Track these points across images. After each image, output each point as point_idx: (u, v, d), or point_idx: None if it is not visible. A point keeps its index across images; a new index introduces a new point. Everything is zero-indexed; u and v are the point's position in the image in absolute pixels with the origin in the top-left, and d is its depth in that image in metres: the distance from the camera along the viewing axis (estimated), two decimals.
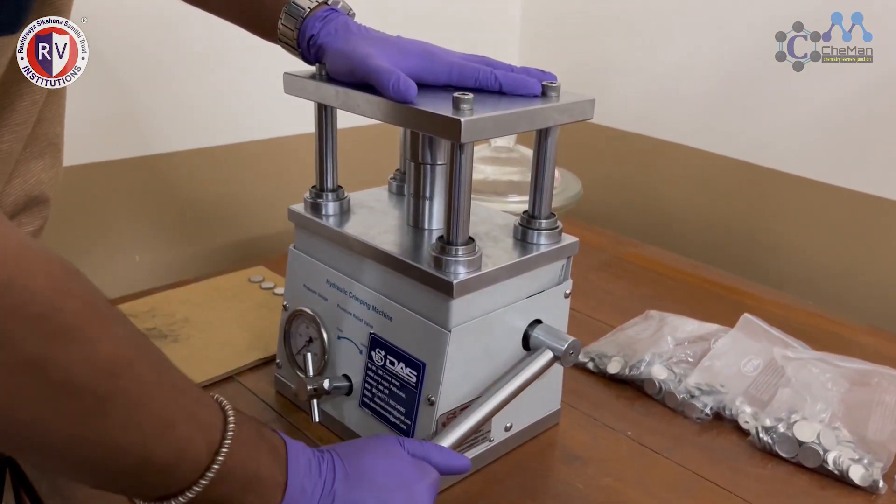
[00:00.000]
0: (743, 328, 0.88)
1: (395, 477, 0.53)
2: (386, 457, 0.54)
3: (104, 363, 0.37)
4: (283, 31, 0.65)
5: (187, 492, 0.43)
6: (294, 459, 0.49)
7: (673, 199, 1.34)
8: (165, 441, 0.41)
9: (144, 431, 0.40)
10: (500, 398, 0.62)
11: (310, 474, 0.49)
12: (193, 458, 0.43)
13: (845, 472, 0.68)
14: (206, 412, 0.45)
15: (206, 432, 0.44)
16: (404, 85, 0.57)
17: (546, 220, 0.67)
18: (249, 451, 0.46)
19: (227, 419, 0.46)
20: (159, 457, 0.41)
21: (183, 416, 0.43)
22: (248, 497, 0.46)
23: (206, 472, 0.43)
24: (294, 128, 1.21)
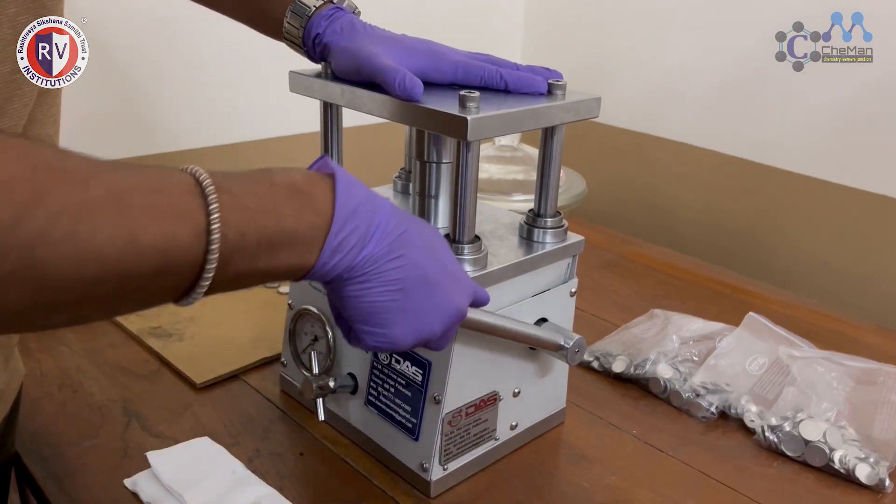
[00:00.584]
0: (748, 327, 0.88)
1: (452, 265, 0.52)
2: (444, 241, 0.53)
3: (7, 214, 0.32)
4: (288, 29, 0.65)
5: (201, 282, 0.39)
6: (344, 195, 0.45)
7: (677, 198, 1.34)
8: (137, 253, 0.36)
9: (103, 255, 0.35)
10: (515, 326, 0.62)
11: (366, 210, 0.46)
12: (183, 252, 0.38)
13: (851, 470, 0.68)
14: (175, 198, 0.38)
15: (183, 221, 0.38)
16: (410, 83, 0.57)
17: (552, 219, 0.67)
18: (256, 211, 0.41)
19: (206, 192, 0.39)
20: (140, 269, 0.36)
21: (146, 217, 0.37)
22: (280, 256, 0.43)
23: (206, 258, 0.39)
24: (299, 127, 1.21)
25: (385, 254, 0.47)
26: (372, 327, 0.49)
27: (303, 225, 0.43)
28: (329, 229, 0.44)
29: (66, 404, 0.75)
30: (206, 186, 0.39)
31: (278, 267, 0.43)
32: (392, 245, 0.47)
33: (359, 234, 0.46)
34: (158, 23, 1.04)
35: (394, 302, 0.48)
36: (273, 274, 0.43)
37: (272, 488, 0.64)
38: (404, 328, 0.50)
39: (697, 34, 1.25)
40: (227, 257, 0.40)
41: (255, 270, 0.42)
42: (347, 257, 0.45)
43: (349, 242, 0.45)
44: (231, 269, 0.41)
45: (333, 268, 0.45)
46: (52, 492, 0.64)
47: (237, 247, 0.40)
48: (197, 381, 0.79)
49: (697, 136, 1.29)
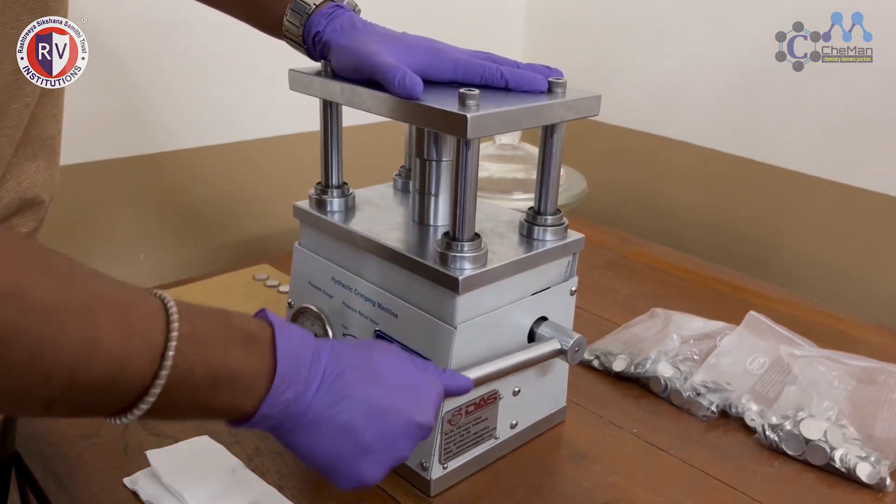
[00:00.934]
0: (749, 326, 0.88)
1: (403, 378, 0.51)
2: (396, 360, 0.52)
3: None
4: (288, 27, 0.65)
5: (140, 404, 0.40)
6: (283, 344, 0.46)
7: (678, 197, 1.34)
8: (92, 360, 0.37)
9: (61, 355, 0.36)
10: (510, 362, 0.62)
11: (306, 360, 0.47)
12: (134, 370, 0.39)
13: (852, 469, 0.68)
14: (142, 318, 0.40)
15: (144, 340, 0.39)
16: (410, 81, 0.57)
17: (552, 217, 0.67)
18: (209, 346, 0.42)
19: (170, 318, 0.41)
20: (90, 376, 0.37)
21: (110, 328, 0.38)
22: (220, 395, 0.43)
23: (154, 381, 0.39)
24: (299, 125, 1.21)
25: (325, 401, 0.47)
26: (336, 473, 0.49)
27: (248, 370, 0.44)
28: (272, 380, 0.45)
29: None
30: (170, 314, 0.41)
31: (216, 404, 0.44)
32: (332, 392, 0.48)
33: (298, 387, 0.46)
34: (157, 21, 1.04)
35: (346, 446, 0.48)
36: (211, 410, 0.44)
37: (272, 487, 0.64)
38: (369, 466, 0.49)
39: (698, 33, 1.25)
40: (173, 384, 0.40)
41: (193, 404, 0.43)
42: (289, 408, 0.46)
43: (288, 394, 0.46)
44: (172, 397, 0.41)
45: (276, 416, 0.46)
46: (52, 490, 0.64)
47: (182, 378, 0.41)
48: None
49: (698, 136, 1.29)
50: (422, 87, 0.57)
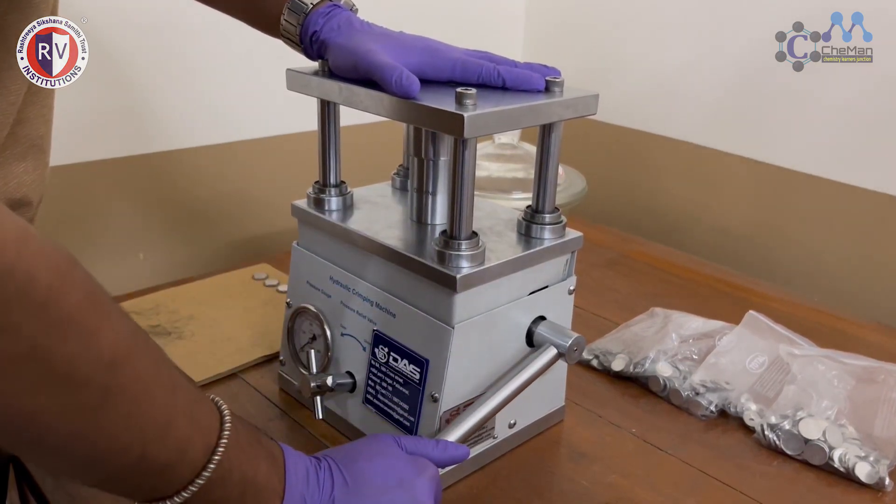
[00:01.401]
0: (748, 325, 0.88)
1: (394, 476, 0.52)
2: (382, 457, 0.53)
3: (105, 355, 0.37)
4: (285, 26, 0.65)
5: (183, 492, 0.43)
6: (292, 469, 0.49)
7: (678, 196, 1.34)
8: (164, 440, 0.41)
9: (144, 429, 0.39)
10: (503, 395, 0.62)
11: (308, 484, 0.49)
12: (191, 458, 0.42)
13: (851, 469, 0.68)
14: (203, 412, 0.44)
15: (203, 433, 0.43)
16: (407, 80, 0.57)
17: (550, 215, 0.67)
18: (247, 456, 0.46)
19: (224, 421, 0.45)
20: (157, 456, 0.41)
21: (181, 414, 0.42)
22: (247, 501, 0.46)
23: (202, 473, 0.43)
24: (297, 125, 1.21)
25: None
26: None
27: (269, 487, 0.47)
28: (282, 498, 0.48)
29: None
30: (224, 416, 0.45)
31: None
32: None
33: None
34: (155, 21, 1.04)
35: None
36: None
37: None
38: None
39: (698, 33, 1.25)
40: (212, 483, 0.44)
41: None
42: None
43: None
44: (207, 495, 0.44)
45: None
46: (51, 489, 0.64)
47: (222, 478, 0.44)
48: (196, 380, 0.79)
49: (698, 135, 1.28)
50: (419, 86, 0.57)
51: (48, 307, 0.34)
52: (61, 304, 0.35)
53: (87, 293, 0.36)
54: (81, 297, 0.36)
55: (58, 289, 0.34)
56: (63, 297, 0.35)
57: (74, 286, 0.36)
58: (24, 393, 0.34)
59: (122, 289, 1.01)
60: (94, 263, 1.06)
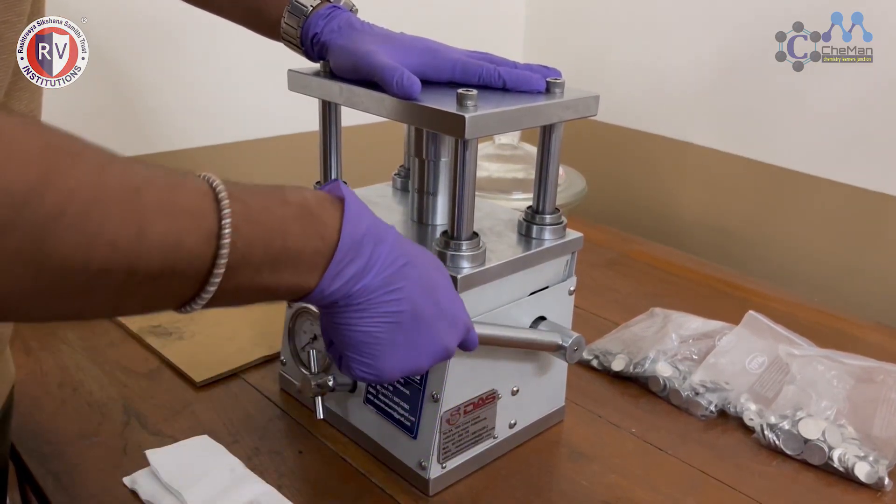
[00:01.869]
0: (748, 325, 0.88)
1: (448, 302, 0.52)
2: (448, 286, 0.54)
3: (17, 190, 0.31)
4: (286, 29, 0.65)
5: (205, 288, 0.39)
6: (351, 223, 0.45)
7: (678, 196, 1.34)
8: (145, 247, 0.35)
9: (113, 244, 0.34)
10: (513, 333, 0.63)
11: (370, 240, 0.46)
12: (191, 254, 0.38)
13: (850, 469, 0.68)
14: (188, 199, 0.38)
15: (197, 221, 0.38)
16: (408, 81, 0.57)
17: (550, 216, 0.67)
18: (266, 226, 0.41)
19: (219, 198, 0.39)
20: (148, 266, 0.36)
21: (158, 213, 0.36)
22: (282, 275, 0.42)
23: (216, 262, 0.38)
24: (298, 126, 1.21)
25: (382, 286, 0.48)
26: (361, 357, 0.50)
27: (308, 248, 0.44)
28: (332, 256, 0.45)
29: (66, 402, 0.76)
30: (219, 193, 0.39)
31: (279, 285, 0.43)
32: (390, 278, 0.48)
33: (359, 265, 0.46)
34: (156, 22, 1.04)
35: (385, 334, 0.49)
36: (272, 292, 0.43)
37: (271, 486, 0.64)
38: (392, 361, 0.50)
39: (698, 33, 1.25)
40: (234, 268, 0.39)
41: (256, 286, 0.42)
42: (346, 286, 0.46)
43: (349, 272, 0.46)
44: (234, 281, 0.40)
45: (331, 294, 0.46)
46: (52, 490, 0.64)
47: (244, 258, 0.40)
48: (196, 380, 0.79)
49: (698, 135, 1.29)
50: (420, 87, 0.57)
51: None
52: None
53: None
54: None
55: None
56: None
57: None
58: None
59: None
60: None
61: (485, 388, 0.65)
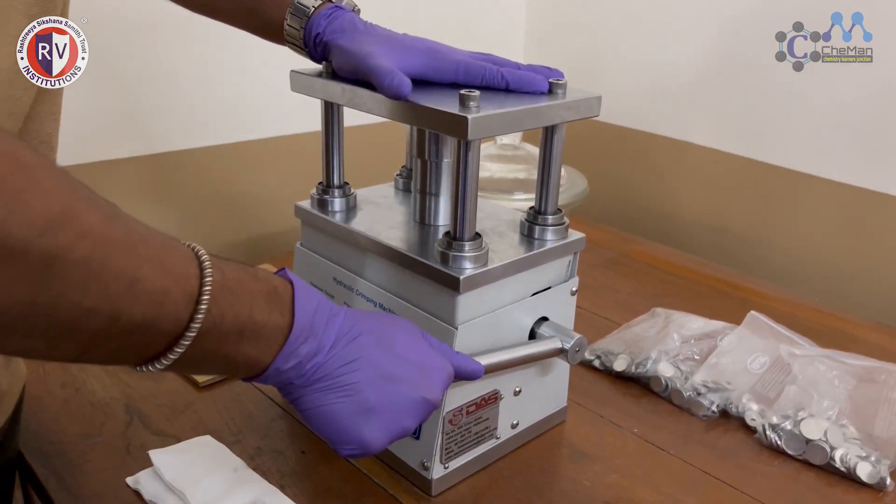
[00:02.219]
0: (749, 325, 0.88)
1: (415, 354, 0.52)
2: (411, 335, 0.53)
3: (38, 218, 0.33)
4: (289, 31, 0.65)
5: (175, 347, 0.40)
6: (302, 301, 0.46)
7: (679, 196, 1.34)
8: (133, 296, 0.37)
9: (107, 288, 0.36)
10: (516, 354, 0.62)
11: (322, 317, 0.47)
12: (171, 311, 0.39)
13: (852, 469, 0.68)
14: (175, 260, 0.40)
15: (179, 281, 0.40)
16: (398, 81, 0.56)
17: (553, 216, 0.67)
18: (237, 297, 0.43)
19: (203, 266, 0.42)
20: (131, 314, 0.38)
21: (148, 267, 0.38)
22: (244, 346, 0.44)
23: (190, 324, 0.40)
24: (300, 126, 1.21)
25: (337, 361, 0.48)
26: (339, 434, 0.49)
27: (271, 322, 0.45)
28: (289, 333, 0.46)
29: (69, 402, 0.76)
30: (203, 261, 0.42)
31: (238, 356, 0.44)
32: (344, 352, 0.48)
33: (312, 345, 0.47)
34: (158, 22, 1.04)
35: (352, 406, 0.49)
36: (231, 362, 0.44)
37: (273, 486, 0.64)
38: (372, 431, 0.50)
39: (698, 33, 1.25)
40: (204, 333, 0.41)
41: (219, 354, 0.43)
42: (301, 365, 0.47)
43: (303, 350, 0.47)
44: (201, 346, 0.41)
45: (287, 372, 0.47)
46: (55, 489, 0.64)
47: (214, 324, 0.41)
48: (199, 380, 0.79)
49: (698, 135, 1.29)
50: (410, 87, 0.57)
51: None
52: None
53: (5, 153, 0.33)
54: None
55: None
56: None
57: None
58: None
59: None
60: None
61: (487, 389, 0.65)
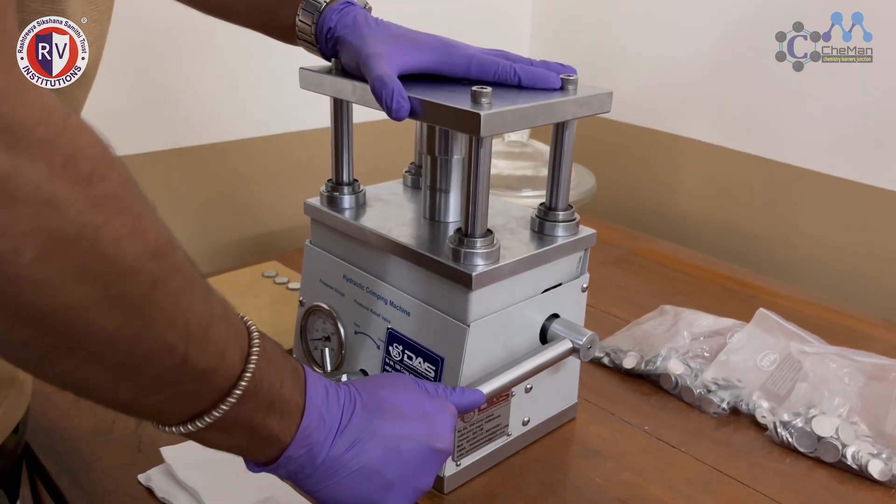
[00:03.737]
0: (759, 323, 0.88)
1: (415, 408, 0.52)
2: (405, 391, 0.53)
3: (151, 241, 0.34)
4: (301, 27, 0.65)
5: (221, 405, 0.41)
6: (312, 385, 0.47)
7: (686, 194, 1.34)
8: (206, 341, 0.38)
9: (188, 327, 0.37)
10: (521, 371, 0.62)
11: (327, 401, 0.48)
12: (229, 364, 0.40)
13: (864, 466, 0.68)
14: (233, 317, 0.42)
15: (238, 337, 0.41)
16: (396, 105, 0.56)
17: (563, 212, 0.67)
18: (274, 367, 0.44)
19: (250, 329, 0.43)
20: (199, 360, 0.38)
21: (218, 316, 0.40)
22: (271, 419, 0.44)
23: (238, 382, 0.41)
24: (310, 122, 1.21)
25: (343, 447, 0.48)
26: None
27: (293, 401, 0.46)
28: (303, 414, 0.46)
29: (80, 399, 0.75)
30: (248, 323, 0.44)
31: (264, 430, 0.44)
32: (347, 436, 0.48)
33: (322, 429, 0.47)
34: (168, 19, 1.04)
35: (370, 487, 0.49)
36: (256, 436, 0.44)
37: (286, 484, 0.64)
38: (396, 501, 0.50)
39: (704, 29, 1.24)
40: (247, 393, 0.42)
41: (249, 423, 0.43)
42: (311, 452, 0.47)
43: (314, 437, 0.47)
44: (238, 410, 0.42)
45: (298, 459, 0.46)
46: (67, 487, 0.65)
47: (254, 388, 0.42)
48: None
49: (706, 132, 1.28)
50: (407, 110, 0.56)
51: (93, 182, 0.31)
52: (106, 182, 0.32)
53: (126, 176, 0.34)
54: (123, 179, 0.34)
55: (101, 164, 0.32)
56: (107, 174, 0.32)
57: (115, 166, 0.33)
58: (71, 279, 0.31)
59: None
60: None
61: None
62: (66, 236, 0.31)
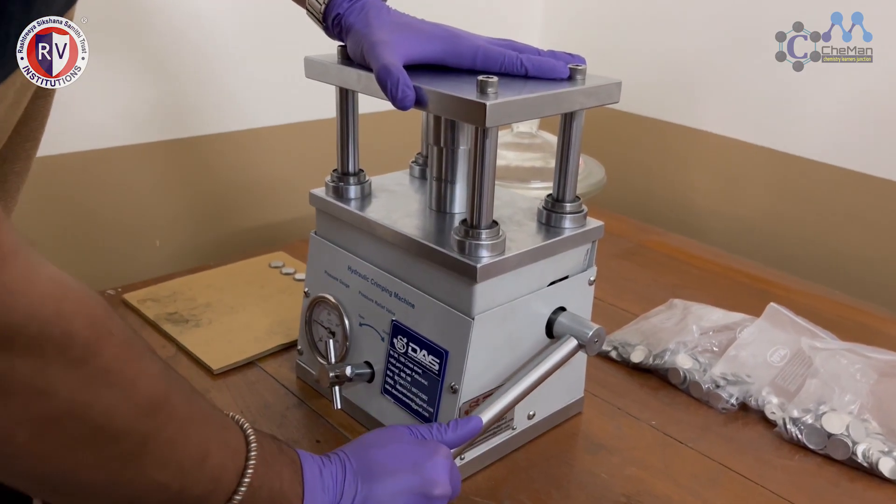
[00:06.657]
0: (769, 318, 0.87)
1: (406, 461, 0.52)
2: (394, 443, 0.53)
3: (143, 402, 0.36)
4: (311, 2, 0.64)
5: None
6: (309, 470, 0.49)
7: (697, 186, 1.32)
8: (201, 472, 0.41)
9: (183, 465, 0.39)
10: (523, 386, 0.61)
11: (323, 480, 0.49)
12: (225, 485, 0.43)
13: (875, 464, 0.67)
14: (231, 436, 0.44)
15: (234, 457, 0.43)
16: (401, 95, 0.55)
17: (571, 204, 0.66)
18: (272, 469, 0.46)
19: (248, 439, 0.45)
20: (193, 489, 0.41)
21: (214, 444, 0.42)
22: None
23: (233, 497, 0.43)
24: (315, 112, 1.20)
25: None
26: None
27: (292, 493, 0.47)
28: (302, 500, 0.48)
29: None
30: (248, 435, 0.45)
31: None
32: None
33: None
34: (174, 9, 1.03)
35: None
36: None
37: None
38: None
39: (713, 20, 1.23)
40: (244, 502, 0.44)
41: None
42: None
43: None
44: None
45: None
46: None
47: (253, 495, 0.44)
48: (213, 368, 0.79)
49: (716, 124, 1.27)
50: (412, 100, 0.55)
51: (86, 363, 0.33)
52: (99, 358, 0.34)
53: (122, 342, 0.36)
54: (118, 348, 0.35)
55: (95, 343, 0.34)
56: (100, 350, 0.34)
57: (111, 337, 0.35)
58: (63, 450, 0.34)
59: (138, 276, 1.01)
60: (110, 251, 1.06)
61: (504, 379, 0.64)
62: (58, 417, 0.33)
